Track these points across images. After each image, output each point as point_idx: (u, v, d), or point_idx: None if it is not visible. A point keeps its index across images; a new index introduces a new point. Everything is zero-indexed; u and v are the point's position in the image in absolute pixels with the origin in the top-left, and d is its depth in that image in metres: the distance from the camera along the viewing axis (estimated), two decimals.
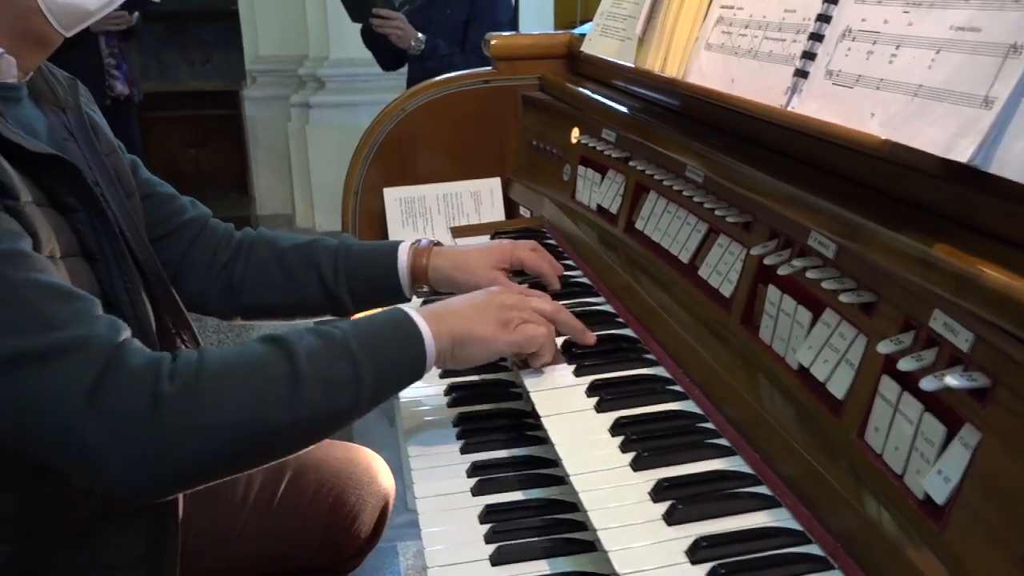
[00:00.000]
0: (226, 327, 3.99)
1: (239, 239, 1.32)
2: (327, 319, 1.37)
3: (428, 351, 1.01)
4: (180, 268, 1.26)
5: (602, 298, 1.33)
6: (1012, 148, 0.65)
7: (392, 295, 1.31)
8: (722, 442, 0.92)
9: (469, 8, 3.39)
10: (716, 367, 1.01)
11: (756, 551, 0.76)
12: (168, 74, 5.82)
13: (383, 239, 1.85)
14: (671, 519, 0.80)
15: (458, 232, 1.70)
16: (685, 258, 1.20)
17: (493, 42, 1.83)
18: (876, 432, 0.77)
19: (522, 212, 1.86)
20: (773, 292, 0.98)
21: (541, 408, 1.01)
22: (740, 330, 1.04)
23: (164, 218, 1.26)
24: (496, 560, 0.88)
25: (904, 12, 0.79)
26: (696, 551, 0.75)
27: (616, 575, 0.75)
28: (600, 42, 1.43)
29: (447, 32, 3.38)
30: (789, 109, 0.91)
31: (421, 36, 3.27)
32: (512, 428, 1.14)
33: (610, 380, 1.06)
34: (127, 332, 0.87)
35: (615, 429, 0.95)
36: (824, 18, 0.90)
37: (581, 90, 1.61)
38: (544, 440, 1.10)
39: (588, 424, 0.98)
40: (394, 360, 0.99)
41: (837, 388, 0.83)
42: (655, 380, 1.07)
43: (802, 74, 0.91)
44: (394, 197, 1.85)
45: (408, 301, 1.34)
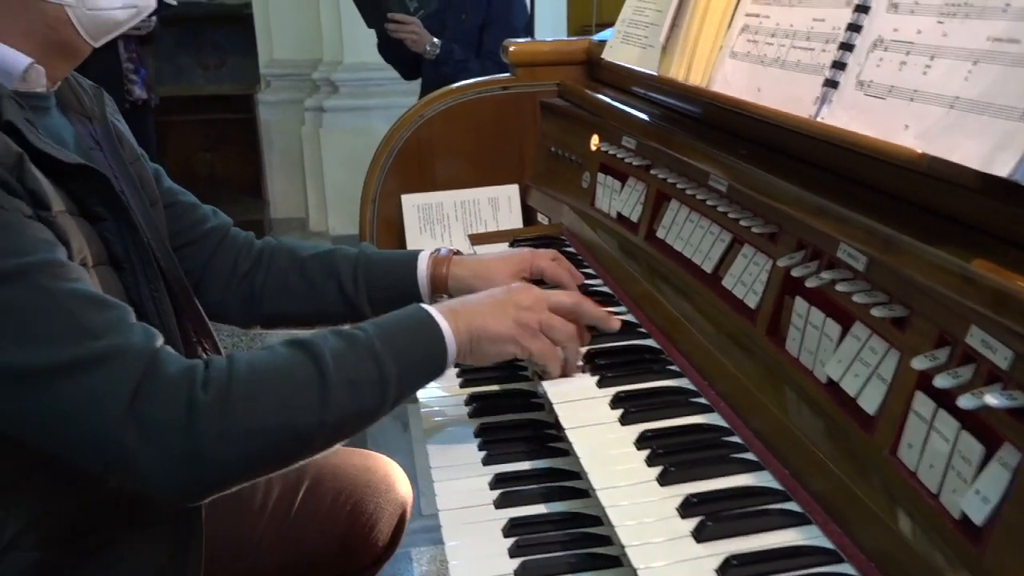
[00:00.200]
0: (240, 333, 4.00)
1: (259, 248, 1.32)
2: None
3: (449, 348, 1.02)
4: (202, 277, 1.26)
5: (623, 307, 1.32)
6: None
7: (412, 303, 1.30)
8: (749, 456, 0.91)
9: (484, 13, 3.38)
10: (741, 379, 1.00)
11: (788, 569, 0.74)
12: (183, 78, 5.85)
13: (401, 246, 1.85)
14: (700, 536, 0.79)
15: (477, 239, 1.69)
16: (708, 268, 1.19)
17: (511, 48, 1.82)
18: (910, 449, 0.75)
19: (540, 219, 1.85)
20: (800, 304, 0.97)
21: (565, 420, 1.00)
22: (766, 342, 1.03)
23: (186, 227, 1.26)
24: (521, 575, 0.87)
25: (938, 22, 0.78)
26: (727, 570, 0.74)
27: None
28: (621, 49, 1.43)
29: (462, 37, 3.37)
30: (819, 120, 0.90)
31: (436, 41, 3.26)
32: (534, 439, 1.13)
33: (634, 392, 1.05)
34: (161, 339, 0.89)
35: (640, 443, 0.94)
36: (854, 27, 0.89)
37: (601, 97, 1.60)
38: (566, 452, 1.09)
39: (613, 437, 0.97)
40: (417, 358, 0.99)
41: (868, 403, 0.82)
42: (679, 392, 1.05)
43: (832, 84, 0.90)
44: (412, 204, 1.84)
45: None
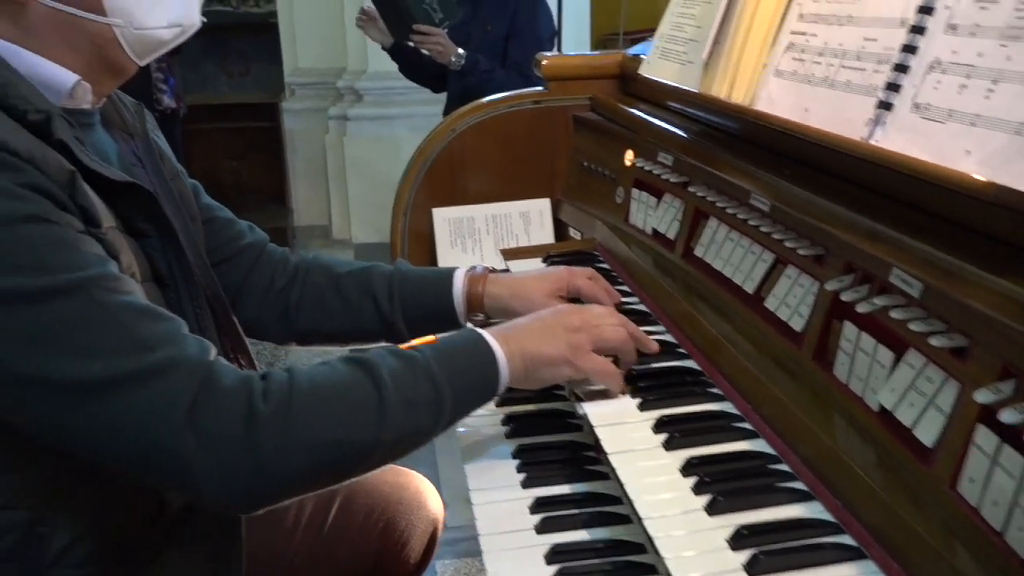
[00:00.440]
0: (267, 348, 4.01)
1: (295, 264, 1.31)
2: (381, 345, 1.37)
3: (502, 372, 1.02)
4: (238, 293, 1.26)
5: (661, 327, 1.30)
6: None
7: (447, 322, 1.30)
8: (799, 486, 0.89)
9: (509, 24, 3.38)
10: (787, 404, 0.98)
11: None
12: (208, 85, 5.89)
13: (431, 259, 1.84)
14: (753, 570, 0.77)
15: (509, 254, 1.68)
16: (750, 288, 1.17)
17: (544, 62, 1.81)
18: (971, 484, 0.73)
19: (572, 233, 1.84)
20: (850, 329, 0.95)
21: (608, 445, 0.99)
22: (812, 366, 1.01)
23: (224, 243, 1.26)
24: None
25: (1001, 46, 0.76)
26: None
27: None
28: (660, 65, 1.41)
29: (487, 48, 3.37)
30: (872, 142, 0.88)
31: (461, 52, 3.26)
32: (572, 461, 1.11)
33: (677, 416, 1.03)
34: (215, 351, 0.89)
35: (686, 470, 0.93)
36: (909, 49, 0.87)
37: (637, 112, 1.58)
38: (606, 475, 1.07)
39: (657, 463, 0.95)
40: (471, 381, 1.00)
41: (925, 435, 0.80)
42: (723, 416, 1.04)
43: (886, 106, 0.88)
44: (443, 217, 1.83)
45: (463, 328, 1.33)
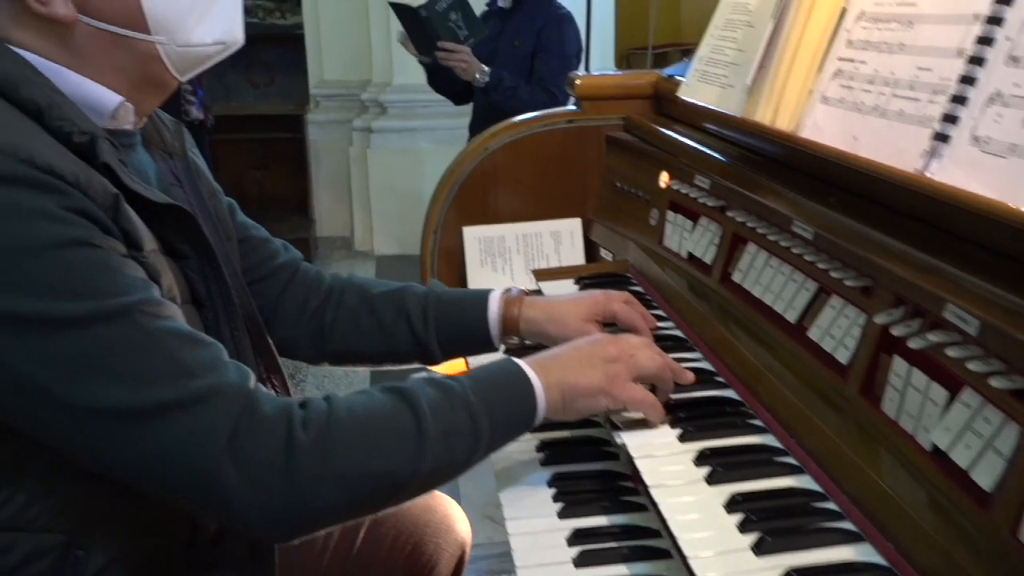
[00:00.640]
0: (287, 364, 4.01)
1: (329, 284, 1.30)
2: (415, 367, 1.36)
3: (539, 403, 1.01)
4: (273, 313, 1.25)
5: (698, 353, 1.28)
6: None
7: (481, 345, 1.28)
8: (848, 526, 0.87)
9: (536, 40, 3.38)
10: (833, 438, 0.96)
11: None
12: (233, 95, 5.93)
13: (461, 277, 1.83)
14: None
15: (541, 275, 1.67)
16: (792, 317, 1.15)
17: (578, 82, 1.80)
18: None
19: (603, 254, 1.83)
20: (900, 364, 0.92)
21: (649, 477, 0.97)
22: (859, 400, 0.98)
23: (258, 262, 1.25)
24: None
25: None
26: None
27: None
28: (699, 88, 1.40)
29: (514, 64, 3.37)
30: (928, 175, 0.86)
31: (486, 69, 3.26)
32: (610, 491, 1.09)
33: (719, 449, 1.01)
34: (254, 378, 0.88)
35: (731, 506, 0.90)
36: (968, 80, 0.85)
37: (672, 134, 1.57)
38: (644, 507, 1.05)
39: (700, 498, 0.93)
40: (509, 413, 0.99)
41: (984, 478, 0.77)
42: (766, 450, 1.01)
43: (942, 138, 0.86)
44: (473, 236, 1.82)
45: (497, 351, 1.32)
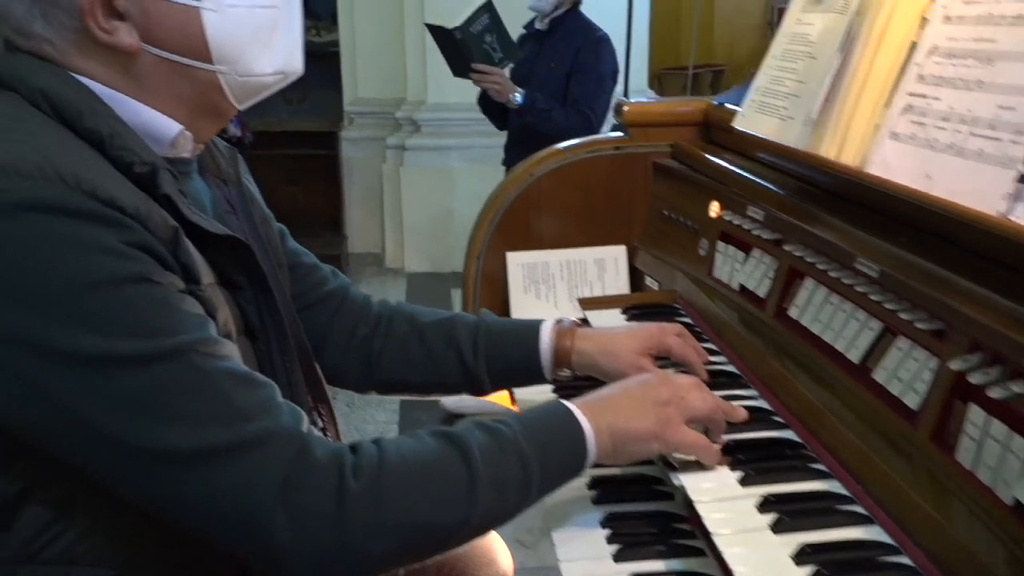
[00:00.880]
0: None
1: (377, 312, 1.29)
2: (481, 405, 1.34)
3: (590, 449, 0.99)
4: (321, 341, 1.24)
5: (753, 391, 1.25)
6: None
7: (532, 376, 1.26)
8: None
9: (572, 62, 3.37)
10: (903, 487, 0.92)
11: None
12: (267, 111, 5.97)
13: (504, 303, 1.81)
14: None
15: (587, 304, 1.64)
16: (854, 357, 1.12)
17: (626, 109, 1.79)
18: None
19: (648, 283, 1.80)
20: (977, 413, 0.89)
21: (712, 524, 0.94)
22: (930, 448, 0.95)
23: (307, 289, 1.24)
24: None
25: None
26: None
27: None
28: (756, 119, 1.37)
29: (550, 86, 3.36)
30: (1012, 218, 0.83)
31: (520, 91, 3.25)
32: (666, 533, 1.06)
33: (782, 495, 0.98)
34: (307, 421, 0.87)
35: (800, 558, 0.87)
36: None
37: (725, 164, 1.54)
38: (701, 551, 1.02)
39: (767, 548, 0.90)
40: (559, 459, 0.97)
41: None
42: (832, 497, 0.98)
43: None
44: (517, 262, 1.80)
45: (548, 383, 1.30)
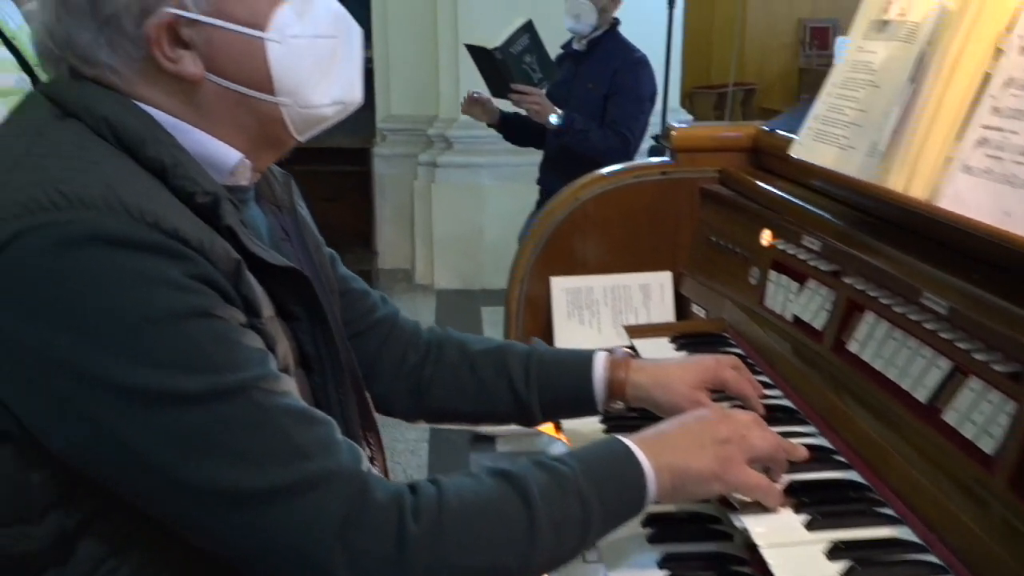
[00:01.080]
0: None
1: (427, 339, 1.27)
2: (512, 427, 1.32)
3: (649, 488, 0.96)
4: (370, 368, 1.22)
5: (811, 427, 1.22)
6: None
7: (585, 407, 1.24)
8: None
9: (610, 83, 3.36)
10: (981, 536, 0.88)
11: None
12: None
13: (547, 328, 1.79)
14: None
15: (634, 332, 1.62)
16: (922, 396, 1.08)
17: (674, 133, 1.77)
18: None
19: (694, 309, 1.77)
20: None
21: (780, 572, 0.90)
22: (1009, 496, 0.91)
23: (358, 316, 1.23)
24: None
25: None
26: None
27: None
28: (814, 148, 1.34)
29: (587, 106, 3.35)
30: None
31: (559, 111, 3.24)
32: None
33: (853, 542, 0.94)
34: (366, 459, 0.85)
35: None
36: None
37: (778, 192, 1.51)
38: None
39: None
40: (619, 499, 0.94)
41: None
42: (904, 545, 0.94)
43: None
44: (561, 287, 1.78)
45: (599, 414, 1.27)
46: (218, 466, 0.78)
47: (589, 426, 1.35)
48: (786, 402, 1.30)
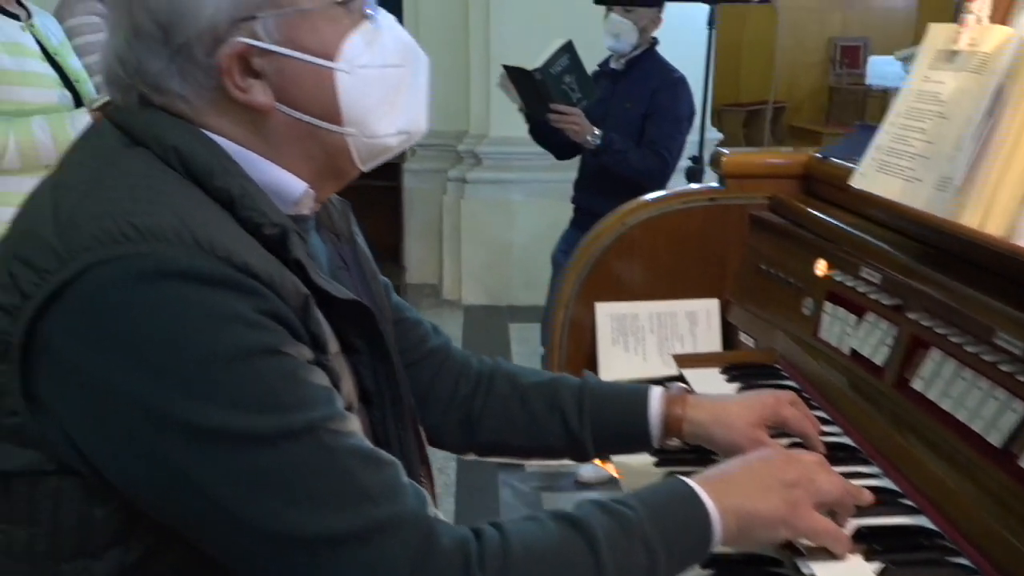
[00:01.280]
0: None
1: (477, 370, 1.25)
2: (564, 462, 1.29)
3: (715, 532, 0.93)
4: (422, 399, 1.20)
5: (875, 467, 1.18)
6: None
7: (639, 444, 1.21)
8: None
9: (648, 103, 3.33)
10: None
11: None
12: None
13: (591, 354, 1.76)
14: None
15: (684, 362, 1.59)
16: (995, 440, 1.04)
17: (724, 160, 1.74)
18: None
19: (742, 338, 1.74)
20: None
21: None
22: None
23: (411, 346, 1.21)
24: None
25: None
26: None
27: None
28: (876, 179, 1.31)
29: (624, 126, 3.32)
30: None
31: (597, 131, 3.21)
32: None
33: None
34: (431, 503, 0.83)
35: None
36: None
37: (834, 222, 1.48)
38: None
39: None
40: (684, 544, 0.91)
41: None
42: None
43: None
44: (606, 313, 1.76)
45: (654, 451, 1.24)
46: (284, 508, 0.76)
47: (639, 458, 1.32)
48: (846, 439, 1.26)
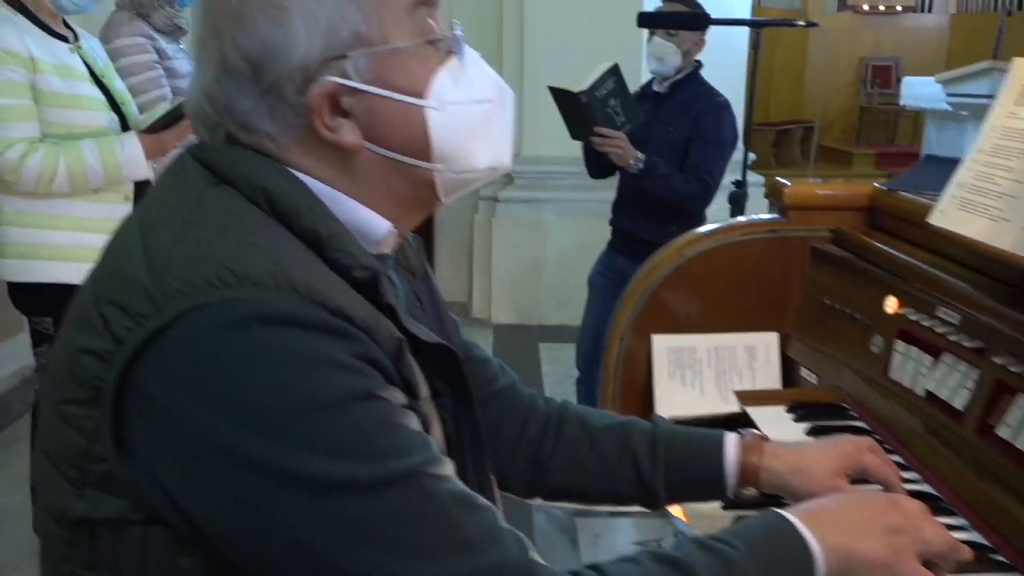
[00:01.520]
0: None
1: (545, 411, 1.21)
2: (634, 509, 1.25)
3: (818, 570, 0.88)
4: (492, 442, 1.17)
5: (961, 519, 1.13)
6: None
7: (713, 492, 1.16)
8: None
9: (692, 126, 3.29)
10: None
11: None
12: None
13: (646, 387, 1.72)
14: None
15: (746, 399, 1.55)
16: None
17: (787, 191, 1.70)
18: None
19: (803, 374, 1.69)
20: None
21: None
22: None
23: (480, 385, 1.16)
24: None
25: None
26: None
27: None
28: (958, 217, 1.27)
29: (667, 149, 3.28)
30: None
31: (640, 156, 3.17)
32: None
33: None
34: (532, 547, 0.79)
35: None
36: None
37: (908, 258, 1.44)
38: None
39: None
40: None
41: None
42: None
43: None
44: (663, 345, 1.72)
45: (729, 499, 1.20)
46: (386, 557, 0.73)
47: (708, 504, 1.28)
48: (927, 487, 1.22)
